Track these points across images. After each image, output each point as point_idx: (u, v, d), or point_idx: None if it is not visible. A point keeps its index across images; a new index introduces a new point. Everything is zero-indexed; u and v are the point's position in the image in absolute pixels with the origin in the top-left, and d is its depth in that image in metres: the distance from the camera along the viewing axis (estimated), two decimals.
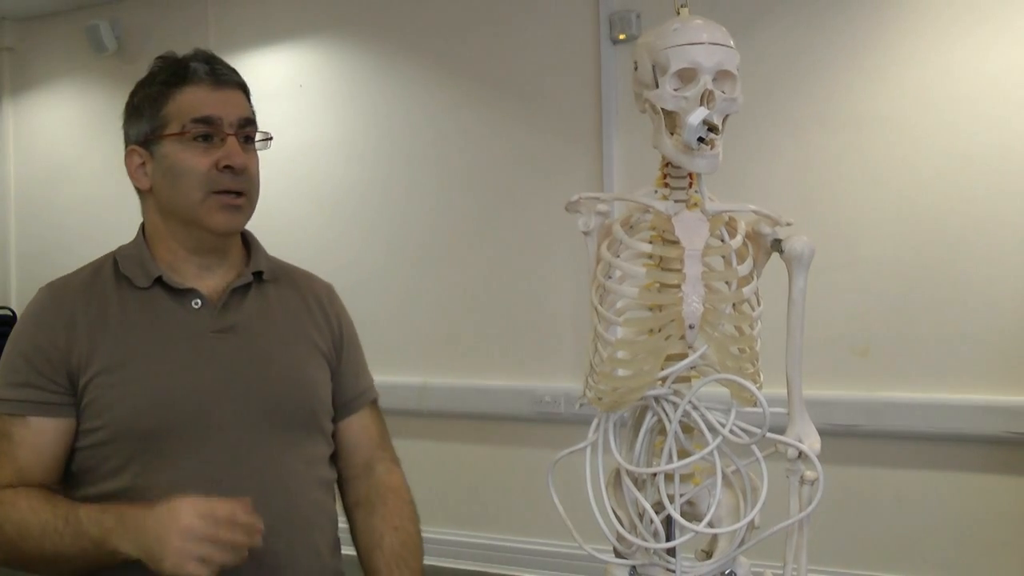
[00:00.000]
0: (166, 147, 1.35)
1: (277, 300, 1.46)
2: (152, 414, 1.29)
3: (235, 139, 1.36)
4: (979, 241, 3.01)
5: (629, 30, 3.51)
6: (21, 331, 1.36)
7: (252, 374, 1.37)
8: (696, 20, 1.20)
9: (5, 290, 5.23)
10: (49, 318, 1.34)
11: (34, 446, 1.31)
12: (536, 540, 3.63)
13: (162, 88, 1.37)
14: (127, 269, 1.38)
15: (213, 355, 1.35)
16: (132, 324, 1.34)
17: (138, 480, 1.29)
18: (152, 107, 1.37)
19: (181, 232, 1.38)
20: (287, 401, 1.40)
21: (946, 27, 3.05)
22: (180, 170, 1.34)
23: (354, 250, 3.98)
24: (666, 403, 1.22)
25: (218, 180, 1.34)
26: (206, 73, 1.37)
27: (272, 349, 1.42)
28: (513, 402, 3.71)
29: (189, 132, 1.33)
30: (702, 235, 1.21)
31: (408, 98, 3.99)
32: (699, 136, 1.14)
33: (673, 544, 1.23)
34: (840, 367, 3.16)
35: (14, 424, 1.31)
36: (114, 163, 5.51)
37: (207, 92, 1.36)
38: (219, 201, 1.34)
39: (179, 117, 1.34)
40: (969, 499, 3.04)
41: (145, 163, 1.39)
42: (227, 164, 1.33)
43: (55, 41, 5.05)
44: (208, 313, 1.37)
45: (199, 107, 1.34)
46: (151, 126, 1.37)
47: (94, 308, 1.35)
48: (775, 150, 3.28)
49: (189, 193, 1.34)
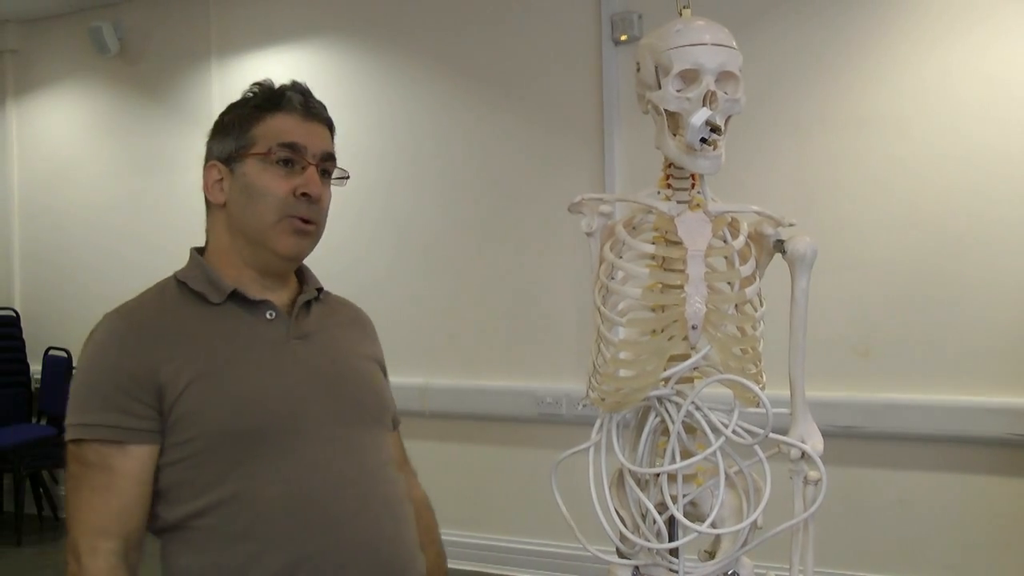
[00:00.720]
0: (248, 166, 1.38)
1: (334, 316, 1.51)
2: (248, 416, 1.31)
3: (315, 169, 1.40)
4: (981, 242, 3.01)
5: (631, 31, 3.51)
6: (99, 358, 1.33)
7: (334, 374, 1.42)
8: (699, 21, 1.20)
9: (8, 291, 5.23)
10: (131, 341, 1.32)
11: (137, 477, 1.29)
12: (538, 541, 3.63)
13: (255, 111, 1.40)
14: (198, 287, 1.38)
15: (296, 358, 1.38)
16: (214, 336, 1.35)
17: (242, 485, 1.29)
18: (241, 127, 1.40)
19: (247, 250, 1.40)
20: (367, 398, 1.46)
21: (946, 27, 3.05)
22: (258, 190, 1.36)
23: (356, 252, 3.98)
24: (669, 404, 1.23)
25: (293, 206, 1.36)
26: (300, 104, 1.41)
27: (344, 353, 1.47)
28: (514, 403, 3.71)
29: (274, 154, 1.37)
30: (705, 236, 1.21)
31: (409, 100, 3.99)
32: (702, 137, 1.14)
33: (676, 544, 1.23)
34: (841, 368, 3.15)
35: (113, 454, 1.28)
36: (116, 164, 5.52)
37: (297, 122, 1.40)
38: (291, 225, 1.37)
39: (266, 139, 1.37)
40: (971, 500, 3.04)
41: (223, 179, 1.40)
42: (304, 191, 1.36)
43: (58, 43, 5.06)
44: (283, 323, 1.40)
45: (287, 133, 1.38)
46: (237, 144, 1.39)
47: (173, 325, 1.34)
48: (776, 151, 3.28)
49: (264, 214, 1.36)
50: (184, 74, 4.60)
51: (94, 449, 1.28)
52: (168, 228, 4.44)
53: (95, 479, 1.28)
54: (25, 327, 5.09)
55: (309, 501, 1.30)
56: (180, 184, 4.52)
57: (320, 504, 1.30)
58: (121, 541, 1.27)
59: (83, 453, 1.29)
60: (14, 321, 5.08)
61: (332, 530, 1.30)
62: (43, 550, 4.60)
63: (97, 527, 1.27)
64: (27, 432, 4.85)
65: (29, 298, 5.20)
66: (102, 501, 1.28)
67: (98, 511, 1.27)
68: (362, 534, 1.32)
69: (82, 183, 4.99)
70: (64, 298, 4.99)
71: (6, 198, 5.24)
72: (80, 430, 1.29)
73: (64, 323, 4.91)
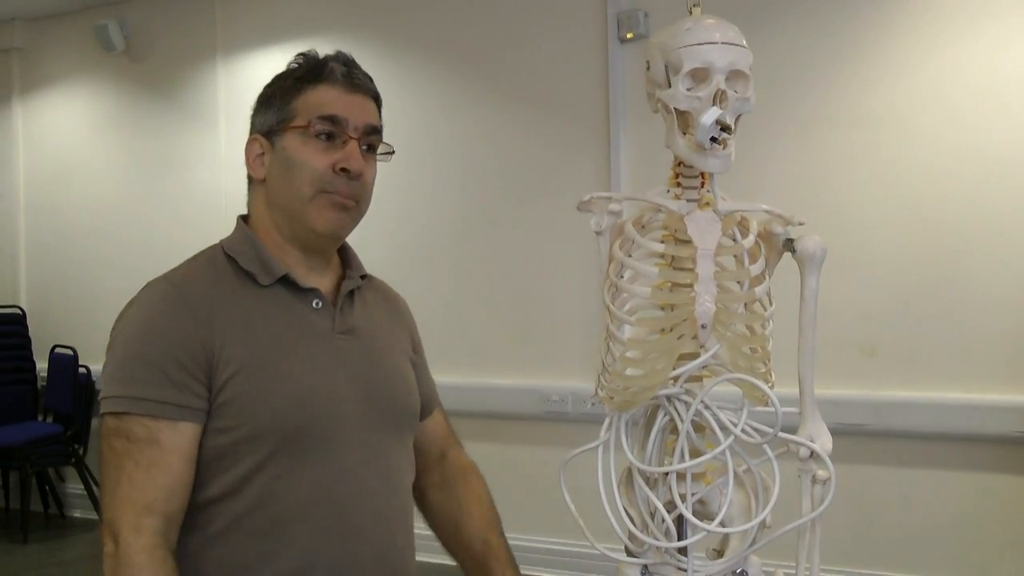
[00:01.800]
0: (288, 139, 1.33)
1: (374, 305, 1.48)
2: (296, 414, 1.27)
3: (356, 143, 1.34)
4: (988, 240, 3.00)
5: (637, 29, 3.51)
6: (151, 326, 1.26)
7: (372, 375, 1.39)
8: (709, 19, 1.20)
9: (14, 288, 5.25)
10: (185, 314, 1.25)
11: (186, 454, 1.23)
12: (545, 539, 3.63)
13: (296, 83, 1.35)
14: (249, 266, 1.33)
15: (340, 356, 1.35)
16: (264, 322, 1.30)
17: (270, 483, 1.25)
18: (283, 99, 1.35)
19: (286, 226, 1.35)
20: (399, 402, 1.43)
21: (955, 25, 3.05)
22: (296, 163, 1.31)
23: (363, 249, 3.96)
24: (678, 402, 1.22)
25: (332, 181, 1.32)
26: (343, 75, 1.36)
27: (382, 352, 1.44)
28: (521, 401, 3.71)
29: (313, 127, 1.31)
30: (714, 235, 1.21)
31: (416, 98, 3.99)
32: (712, 136, 1.14)
33: (685, 543, 1.23)
34: (848, 367, 3.15)
35: (163, 429, 1.21)
36: (122, 162, 5.55)
37: (339, 93, 1.35)
38: (329, 200, 1.32)
39: (306, 112, 1.33)
40: (979, 498, 3.04)
41: (264, 153, 1.36)
42: (344, 167, 1.32)
43: (64, 41, 5.07)
44: (328, 314, 1.36)
45: (328, 105, 1.33)
46: (278, 117, 1.34)
47: (226, 304, 1.29)
48: (785, 149, 3.28)
49: (301, 188, 1.32)
50: (190, 72, 4.61)
51: (142, 423, 1.21)
52: (174, 225, 4.45)
53: (141, 454, 1.21)
54: (31, 325, 5.10)
55: (332, 508, 1.28)
56: (186, 182, 4.52)
57: (342, 512, 1.29)
58: (164, 520, 1.21)
59: (127, 426, 1.22)
60: (20, 319, 5.10)
61: (349, 539, 1.29)
62: (49, 548, 4.62)
63: (141, 504, 1.19)
64: (33, 430, 4.86)
65: (35, 296, 5.21)
66: (148, 477, 1.20)
67: (143, 487, 1.20)
68: (376, 545, 1.32)
69: (88, 181, 5.00)
70: (70, 296, 5.00)
71: (12, 196, 5.25)
72: (128, 403, 1.22)
73: (70, 321, 4.92)
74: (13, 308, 5.11)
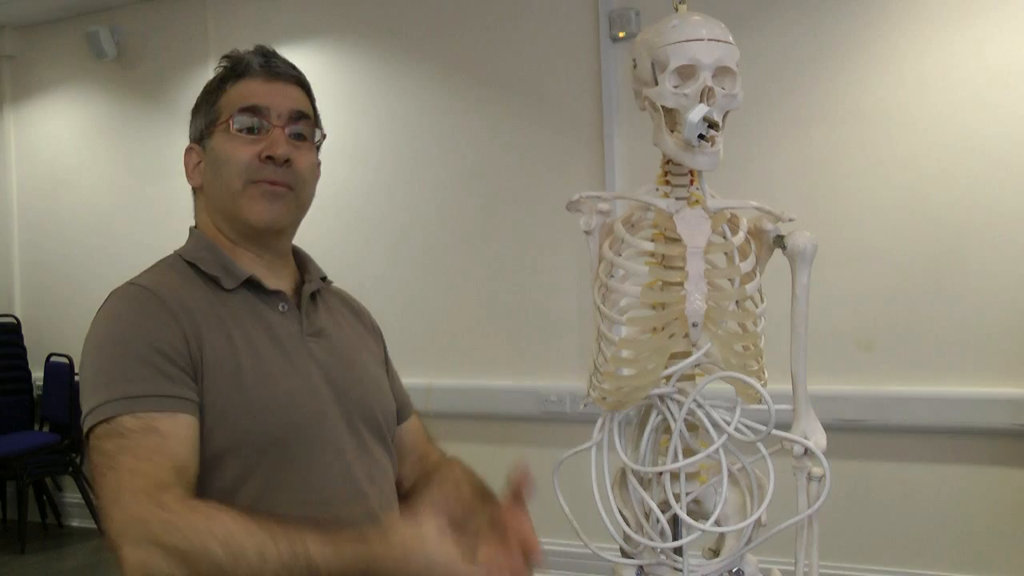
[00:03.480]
0: (215, 140, 1.30)
1: (337, 309, 1.45)
2: (280, 419, 1.24)
3: (281, 131, 1.30)
4: (983, 233, 3.00)
5: (628, 27, 3.50)
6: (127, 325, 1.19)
7: (346, 377, 1.35)
8: (695, 16, 1.19)
9: (9, 297, 5.23)
10: (160, 310, 1.20)
11: (188, 440, 1.13)
12: (543, 540, 3.63)
13: (220, 84, 1.33)
14: (211, 270, 1.29)
15: (312, 359, 1.31)
16: (233, 325, 1.26)
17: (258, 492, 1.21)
18: (207, 103, 1.33)
19: (226, 226, 1.33)
20: (374, 404, 1.40)
21: (947, 19, 3.05)
22: (222, 160, 1.29)
23: (357, 251, 3.98)
24: (671, 401, 1.22)
25: (258, 170, 1.28)
26: (260, 66, 1.32)
27: (352, 354, 1.41)
28: (518, 402, 3.70)
29: (234, 121, 1.28)
30: (704, 232, 1.21)
31: (408, 100, 3.98)
32: (699, 133, 1.14)
33: (680, 543, 1.22)
34: (845, 362, 3.15)
35: (158, 419, 1.11)
36: (115, 169, 5.51)
37: (259, 84, 1.31)
38: (258, 189, 1.28)
39: (228, 108, 1.30)
40: (977, 492, 3.03)
41: (201, 161, 1.33)
42: (268, 154, 1.27)
43: (56, 48, 5.05)
44: (295, 317, 1.33)
45: (248, 97, 1.30)
46: (206, 121, 1.32)
47: (194, 305, 1.23)
48: (776, 145, 3.27)
49: (229, 183, 1.28)
50: (182, 78, 4.60)
51: (134, 417, 1.11)
52: (168, 232, 4.43)
53: (139, 445, 1.09)
54: (26, 334, 5.09)
55: (323, 512, 1.25)
56: (179, 188, 4.51)
57: (334, 516, 1.25)
58: (184, 490, 1.09)
59: (117, 426, 1.10)
60: (15, 328, 5.08)
61: None
62: (47, 557, 4.60)
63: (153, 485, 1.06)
64: (30, 439, 4.85)
65: (30, 305, 5.20)
66: (152, 465, 1.08)
67: (149, 473, 1.07)
68: None
69: (81, 188, 4.98)
70: (65, 304, 4.99)
71: (5, 204, 5.24)
72: (115, 406, 1.11)
73: (65, 329, 4.91)
74: (8, 317, 5.10)
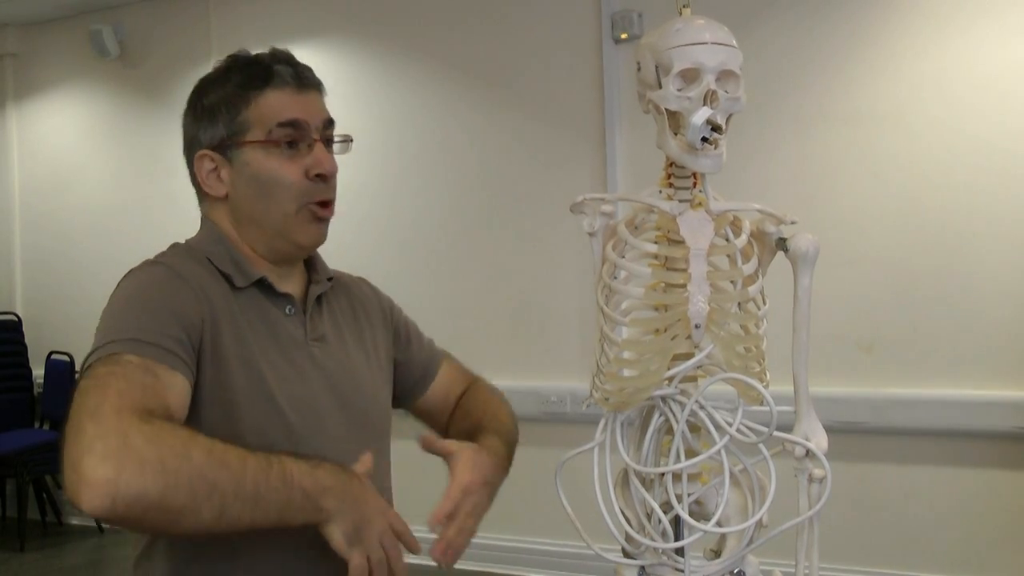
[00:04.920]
0: (248, 154, 1.27)
1: (337, 306, 1.44)
2: (280, 426, 1.23)
3: (323, 145, 1.29)
4: (984, 235, 3.01)
5: (631, 29, 3.51)
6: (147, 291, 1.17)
7: (346, 384, 1.35)
8: (698, 20, 1.20)
9: (9, 295, 5.24)
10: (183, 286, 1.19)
11: (181, 395, 1.11)
12: (544, 540, 3.63)
13: (240, 90, 1.28)
14: (225, 267, 1.27)
15: (315, 364, 1.31)
16: (243, 322, 1.24)
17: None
18: (230, 110, 1.27)
19: (261, 242, 1.30)
20: (371, 412, 1.40)
21: (946, 21, 3.05)
22: (269, 180, 1.26)
23: (359, 251, 3.98)
24: (673, 403, 1.22)
25: (311, 191, 1.27)
26: (291, 76, 1.29)
27: (352, 360, 1.40)
28: (519, 402, 3.67)
29: (276, 139, 1.25)
30: (707, 234, 1.21)
31: (410, 100, 3.99)
32: (703, 136, 1.14)
33: (682, 544, 1.23)
34: (845, 363, 3.15)
35: (158, 367, 1.08)
36: (117, 168, 5.55)
37: (291, 95, 1.28)
38: (312, 214, 1.27)
39: (262, 122, 1.26)
40: (977, 494, 3.04)
41: (218, 168, 1.29)
42: (318, 172, 1.27)
43: (58, 46, 5.06)
44: (300, 321, 1.32)
45: (285, 110, 1.27)
46: (228, 131, 1.28)
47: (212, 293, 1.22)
48: (777, 147, 3.28)
49: (282, 205, 1.26)
50: (185, 77, 4.60)
51: (138, 357, 1.07)
52: (170, 231, 4.43)
53: (135, 376, 1.05)
54: (27, 332, 5.10)
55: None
56: (181, 186, 4.51)
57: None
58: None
59: (117, 359, 1.06)
60: (16, 326, 5.09)
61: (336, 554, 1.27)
62: (47, 555, 4.61)
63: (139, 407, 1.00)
64: (30, 437, 4.86)
65: (31, 303, 5.21)
66: (144, 394, 1.03)
67: (137, 399, 1.01)
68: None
69: (83, 187, 4.99)
70: (66, 302, 5.00)
71: (7, 202, 5.24)
72: (123, 344, 1.08)
73: (66, 328, 4.91)
74: (9, 315, 5.11)
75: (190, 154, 1.33)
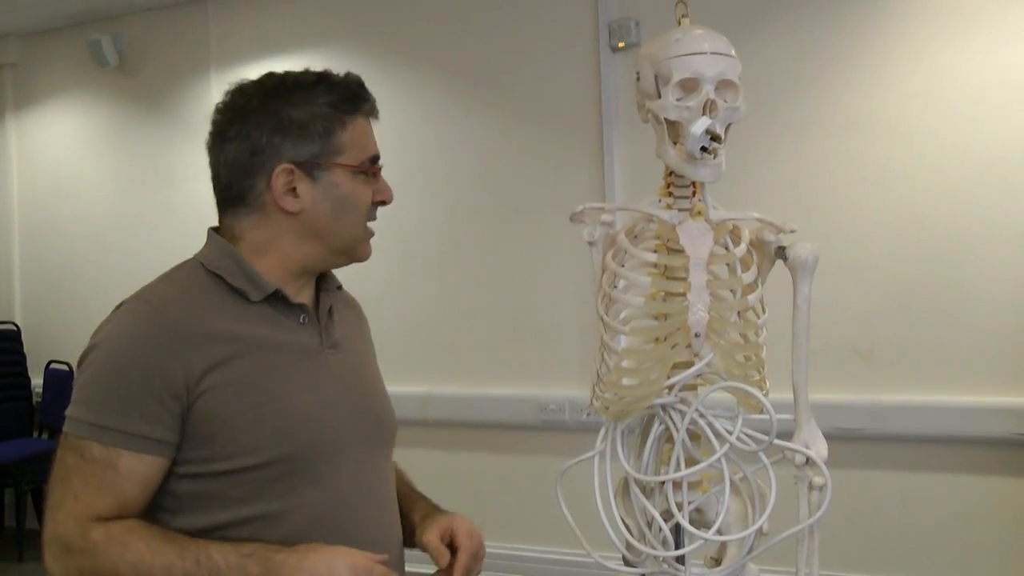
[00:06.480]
0: (338, 176, 1.30)
1: (344, 315, 1.46)
2: (290, 442, 1.24)
3: (383, 177, 1.39)
4: (982, 242, 3.01)
5: (628, 38, 3.51)
6: (127, 349, 1.21)
7: (360, 390, 1.39)
8: (697, 30, 1.21)
9: (9, 304, 5.23)
10: (165, 339, 1.20)
11: (144, 481, 1.19)
12: (544, 548, 3.63)
13: (333, 111, 1.31)
14: (237, 283, 1.28)
15: (330, 372, 1.33)
16: (254, 340, 1.26)
17: (273, 505, 1.23)
18: (325, 131, 1.29)
19: (316, 257, 1.33)
20: (384, 416, 1.43)
21: (945, 29, 3.06)
22: (351, 202, 1.32)
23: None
24: (673, 411, 1.23)
25: (372, 214, 1.37)
26: (372, 108, 1.38)
27: (363, 365, 1.45)
28: (518, 410, 3.71)
29: (367, 168, 1.33)
30: (707, 244, 1.22)
31: (408, 109, 4.00)
32: (702, 145, 1.15)
33: (682, 552, 1.23)
34: (845, 371, 3.15)
35: (122, 457, 1.17)
36: (116, 177, 5.51)
37: (368, 125, 1.37)
38: (368, 233, 1.37)
39: (355, 150, 1.32)
40: (978, 501, 3.03)
41: (295, 183, 1.28)
42: (382, 200, 1.37)
43: (57, 56, 5.06)
44: (315, 329, 1.34)
45: (371, 145, 1.36)
46: (321, 149, 1.29)
47: (212, 324, 1.24)
48: (775, 155, 3.28)
49: (356, 225, 1.34)
50: (184, 86, 4.61)
51: (102, 447, 1.18)
52: (169, 240, 4.45)
53: (94, 475, 1.17)
54: (26, 341, 5.09)
55: (334, 528, 1.26)
56: (180, 196, 4.52)
57: (343, 531, 1.27)
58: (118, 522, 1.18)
59: (86, 447, 1.18)
60: (15, 335, 5.08)
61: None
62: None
63: (88, 515, 1.17)
64: (29, 447, 4.84)
65: (30, 312, 5.20)
66: (98, 497, 1.17)
67: (90, 504, 1.17)
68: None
69: (82, 196, 4.99)
70: (65, 311, 4.99)
71: (6, 211, 5.24)
72: (89, 429, 1.19)
73: (65, 337, 4.90)
74: (8, 324, 5.10)
75: (258, 162, 1.29)
